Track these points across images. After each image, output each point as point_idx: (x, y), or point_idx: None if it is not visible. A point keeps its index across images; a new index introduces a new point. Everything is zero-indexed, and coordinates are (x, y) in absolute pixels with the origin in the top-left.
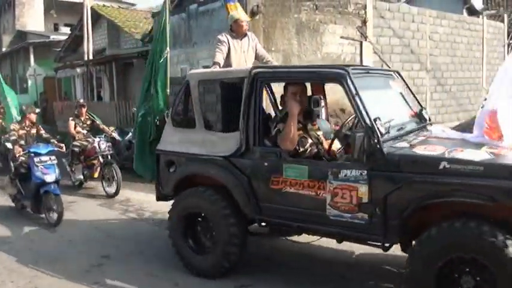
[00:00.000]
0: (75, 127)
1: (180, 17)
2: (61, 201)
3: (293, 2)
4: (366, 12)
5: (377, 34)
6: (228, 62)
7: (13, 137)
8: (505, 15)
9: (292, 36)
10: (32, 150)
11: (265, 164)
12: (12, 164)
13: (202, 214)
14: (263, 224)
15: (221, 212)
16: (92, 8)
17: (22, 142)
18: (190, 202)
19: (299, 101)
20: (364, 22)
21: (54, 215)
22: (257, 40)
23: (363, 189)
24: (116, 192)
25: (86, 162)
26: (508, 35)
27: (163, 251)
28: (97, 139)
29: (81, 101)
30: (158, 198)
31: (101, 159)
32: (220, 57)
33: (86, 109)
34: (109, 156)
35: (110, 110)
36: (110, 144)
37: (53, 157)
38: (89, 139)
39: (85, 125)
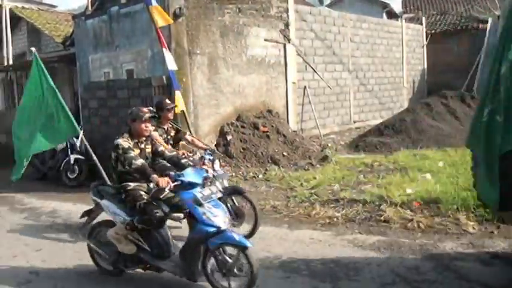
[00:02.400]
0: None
1: (101, 19)
2: (254, 255)
3: (216, 4)
4: (288, 16)
5: (300, 36)
6: None
7: (139, 160)
8: (423, 18)
9: (217, 39)
10: (185, 179)
11: None
12: (127, 205)
13: None
14: None
15: None
16: (11, 10)
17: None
18: None
19: None
20: (287, 25)
21: (241, 281)
22: None
23: None
24: (252, 233)
25: None
26: (426, 37)
27: (91, 263)
28: (208, 156)
29: (168, 101)
30: None
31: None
32: None
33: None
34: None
35: None
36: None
37: (214, 188)
38: (193, 158)
39: (169, 137)
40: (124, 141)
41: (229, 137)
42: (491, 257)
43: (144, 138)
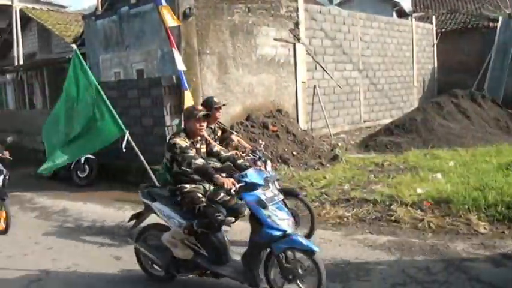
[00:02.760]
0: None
1: (111, 19)
2: (322, 261)
3: (225, 4)
4: (297, 15)
5: (309, 36)
6: None
7: (200, 160)
8: (434, 17)
9: (227, 39)
10: (248, 180)
11: None
12: (184, 208)
13: None
14: None
15: None
16: (21, 11)
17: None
18: None
19: None
20: (297, 24)
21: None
22: None
23: None
24: (308, 237)
25: None
26: (437, 36)
27: (103, 262)
28: (259, 156)
29: (216, 100)
30: None
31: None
32: None
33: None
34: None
35: (43, 117)
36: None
37: (276, 190)
38: (246, 157)
39: (216, 137)
40: (181, 141)
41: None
42: (503, 258)
43: (199, 138)
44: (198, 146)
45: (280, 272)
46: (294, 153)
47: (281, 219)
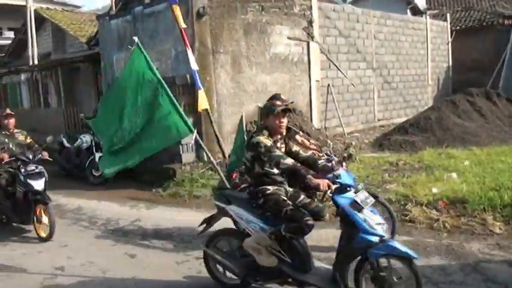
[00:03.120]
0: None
1: (125, 19)
2: (420, 270)
3: (239, 3)
4: (311, 13)
5: (323, 34)
6: None
7: (289, 159)
8: (448, 14)
9: (240, 38)
10: (342, 181)
11: None
12: (267, 212)
13: None
14: None
15: None
16: (35, 11)
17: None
18: None
19: None
20: (310, 23)
21: None
22: None
23: None
24: None
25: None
26: (451, 34)
27: (118, 260)
28: (334, 157)
29: (283, 97)
30: None
31: None
32: None
33: None
34: None
35: (58, 116)
36: None
37: (367, 193)
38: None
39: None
40: (265, 139)
41: None
42: None
43: (279, 136)
44: (278, 144)
45: (372, 281)
46: None
47: (377, 223)
